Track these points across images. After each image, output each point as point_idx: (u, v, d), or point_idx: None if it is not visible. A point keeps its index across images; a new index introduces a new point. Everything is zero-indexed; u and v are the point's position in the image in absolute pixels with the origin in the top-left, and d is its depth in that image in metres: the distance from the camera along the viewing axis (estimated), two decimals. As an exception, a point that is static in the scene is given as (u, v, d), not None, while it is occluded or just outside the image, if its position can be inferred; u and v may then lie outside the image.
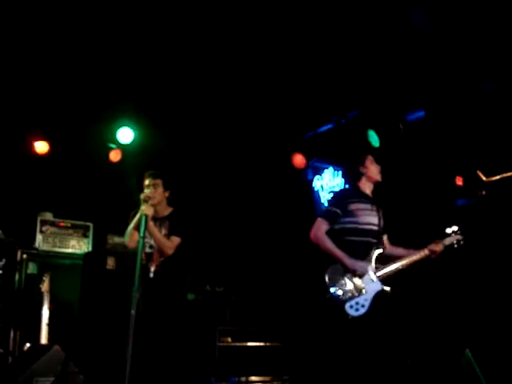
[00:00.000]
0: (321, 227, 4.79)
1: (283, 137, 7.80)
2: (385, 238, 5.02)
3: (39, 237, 6.90)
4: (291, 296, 7.21)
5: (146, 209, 4.83)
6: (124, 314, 4.47)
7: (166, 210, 5.24)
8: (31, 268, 6.61)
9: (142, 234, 4.67)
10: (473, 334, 5.69)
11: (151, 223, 4.95)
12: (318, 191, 8.02)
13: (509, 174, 5.48)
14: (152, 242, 5.08)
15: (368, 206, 4.87)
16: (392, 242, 5.05)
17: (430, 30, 5.63)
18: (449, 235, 4.95)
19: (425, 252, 4.83)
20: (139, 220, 4.82)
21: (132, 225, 5.06)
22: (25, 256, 6.61)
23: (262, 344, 6.49)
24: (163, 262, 5.07)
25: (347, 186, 7.38)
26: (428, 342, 5.90)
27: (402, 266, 4.77)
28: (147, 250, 5.06)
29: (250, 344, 6.45)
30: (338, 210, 4.80)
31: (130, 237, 5.08)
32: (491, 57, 5.74)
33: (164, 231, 5.14)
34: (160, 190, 5.17)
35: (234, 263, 7.63)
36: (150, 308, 4.88)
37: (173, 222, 5.16)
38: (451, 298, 6.02)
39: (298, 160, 7.83)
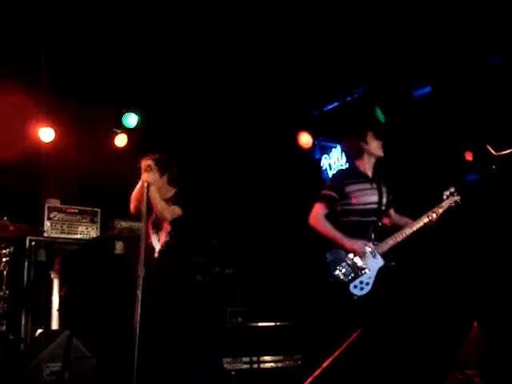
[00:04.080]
0: (318, 212, 4.78)
1: (289, 115, 7.73)
2: (391, 211, 4.97)
3: (47, 223, 6.91)
4: (301, 275, 7.18)
5: (146, 176, 4.88)
6: (133, 297, 4.48)
7: (169, 192, 5.22)
8: (40, 255, 6.62)
9: (145, 203, 4.76)
10: (481, 306, 5.67)
11: (153, 188, 4.95)
12: (325, 170, 7.96)
13: (519, 147, 5.43)
14: None
15: (367, 186, 4.81)
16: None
17: (434, 5, 5.57)
18: (447, 198, 4.87)
19: (423, 220, 4.76)
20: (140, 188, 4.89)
21: (134, 192, 5.10)
22: (33, 243, 6.62)
23: (272, 324, 6.49)
24: (167, 242, 5.07)
25: (347, 165, 7.40)
26: (436, 316, 5.87)
27: (403, 237, 4.71)
28: (153, 217, 5.09)
29: (260, 324, 6.45)
30: (335, 194, 4.77)
31: (133, 202, 5.11)
32: (497, 29, 5.66)
33: None
34: (156, 175, 5.11)
35: (244, 244, 7.61)
36: (157, 289, 4.89)
37: (177, 198, 5.15)
38: (459, 271, 5.98)
39: (305, 139, 7.76)
